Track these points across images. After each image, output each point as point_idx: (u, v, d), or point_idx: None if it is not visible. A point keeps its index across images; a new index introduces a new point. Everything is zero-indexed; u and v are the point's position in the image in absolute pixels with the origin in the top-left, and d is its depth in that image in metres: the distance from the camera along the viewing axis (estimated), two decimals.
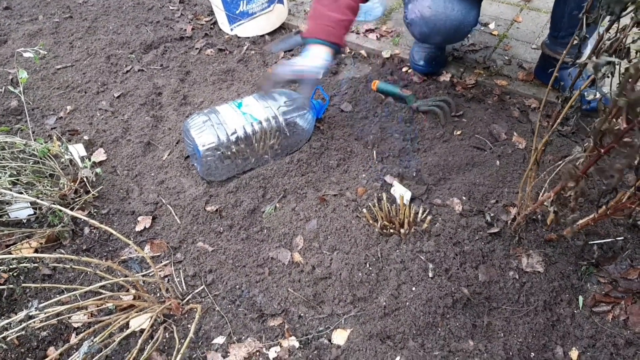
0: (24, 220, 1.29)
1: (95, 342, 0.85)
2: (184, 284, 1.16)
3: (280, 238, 1.23)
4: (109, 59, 1.89)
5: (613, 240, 1.13)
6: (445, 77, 1.66)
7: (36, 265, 1.17)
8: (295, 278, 1.14)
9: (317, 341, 1.03)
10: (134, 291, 1.05)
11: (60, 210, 0.87)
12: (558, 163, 0.89)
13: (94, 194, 1.35)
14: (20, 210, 1.27)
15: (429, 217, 1.19)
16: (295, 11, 2.14)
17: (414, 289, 1.07)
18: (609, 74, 0.63)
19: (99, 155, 1.50)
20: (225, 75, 1.77)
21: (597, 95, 0.69)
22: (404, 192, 1.25)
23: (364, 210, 1.23)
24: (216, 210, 1.30)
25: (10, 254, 1.17)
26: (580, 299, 1.06)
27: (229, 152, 1.30)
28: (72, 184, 1.34)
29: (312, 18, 1.27)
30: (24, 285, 1.10)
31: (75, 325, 1.09)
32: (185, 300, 1.13)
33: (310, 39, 1.25)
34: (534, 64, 1.65)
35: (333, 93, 1.66)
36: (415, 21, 1.39)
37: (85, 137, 1.56)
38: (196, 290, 1.14)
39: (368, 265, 1.13)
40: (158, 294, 1.13)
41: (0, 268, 1.12)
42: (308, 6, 2.17)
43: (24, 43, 2.01)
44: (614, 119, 0.65)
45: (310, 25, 1.27)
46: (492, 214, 1.21)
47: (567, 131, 0.89)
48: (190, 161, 1.45)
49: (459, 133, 1.46)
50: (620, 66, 0.61)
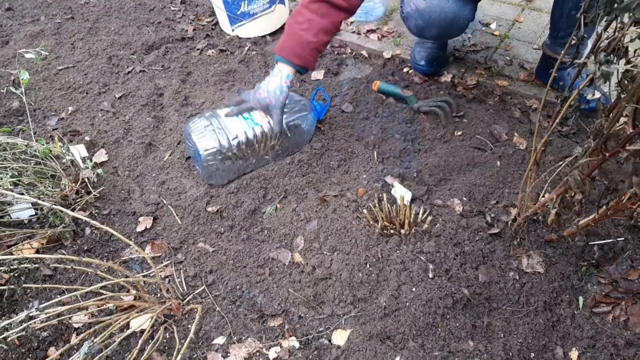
0: (25, 221, 1.30)
1: (96, 343, 0.85)
2: (184, 284, 1.16)
3: (280, 238, 1.23)
4: (111, 60, 1.90)
5: (613, 240, 1.13)
6: (446, 78, 1.66)
7: (37, 265, 1.17)
8: (296, 278, 1.14)
9: (317, 341, 1.04)
10: (134, 292, 1.05)
11: (62, 211, 0.87)
12: (559, 164, 0.89)
13: (95, 195, 1.36)
14: (22, 210, 1.27)
15: (430, 218, 1.19)
16: None
17: (414, 289, 1.07)
18: (608, 74, 0.63)
19: (100, 156, 1.50)
20: (226, 76, 1.77)
21: (597, 94, 0.69)
22: (404, 193, 1.25)
23: (365, 210, 1.23)
24: (217, 210, 1.30)
25: (12, 254, 1.18)
26: (581, 299, 1.06)
27: (230, 157, 1.30)
28: (74, 184, 1.35)
29: (285, 33, 1.26)
30: (25, 285, 1.11)
31: (75, 325, 1.09)
32: (185, 300, 1.13)
33: (277, 55, 1.26)
34: (536, 65, 1.64)
35: (334, 93, 1.66)
36: (411, 14, 1.40)
37: (87, 138, 1.57)
38: (197, 291, 1.15)
39: (368, 266, 1.13)
40: (159, 295, 1.14)
41: (1, 268, 1.12)
42: None
43: (25, 44, 2.02)
44: (617, 121, 0.65)
45: (282, 41, 1.26)
46: (493, 215, 1.21)
47: (567, 131, 0.89)
48: (192, 162, 1.45)
49: (459, 134, 1.46)
50: (618, 65, 0.61)
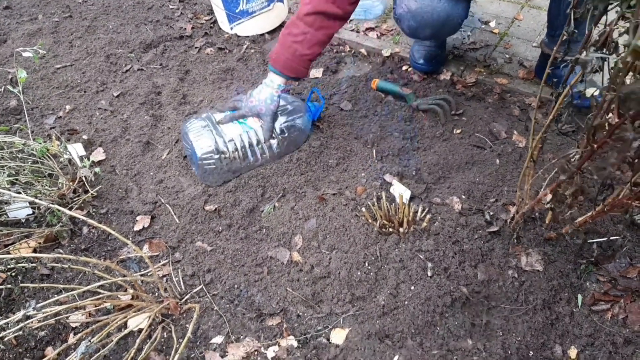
0: (23, 220, 1.29)
1: (93, 342, 0.85)
2: (182, 283, 1.16)
3: (279, 237, 1.23)
4: (109, 58, 1.89)
5: (612, 238, 1.12)
6: (445, 76, 1.66)
7: (34, 265, 1.17)
8: (294, 277, 1.14)
9: (316, 340, 1.03)
10: (132, 291, 1.05)
11: (59, 210, 0.87)
12: (555, 161, 0.88)
13: (92, 194, 1.35)
14: (19, 210, 1.27)
15: (428, 216, 1.19)
16: (296, 9, 2.12)
17: (412, 288, 1.07)
18: (598, 68, 0.63)
19: (98, 154, 1.50)
20: (224, 74, 1.77)
21: (590, 90, 0.69)
22: (403, 191, 1.25)
23: (363, 209, 1.23)
24: (215, 209, 1.29)
25: (9, 253, 1.17)
26: (579, 297, 1.06)
27: (227, 157, 1.30)
28: (71, 183, 1.34)
29: (279, 43, 1.26)
30: (22, 285, 1.10)
31: (73, 325, 1.09)
32: (183, 299, 1.12)
33: (271, 66, 1.27)
34: (535, 62, 1.64)
35: (333, 92, 1.65)
36: (403, 15, 1.39)
37: (84, 137, 1.56)
38: (194, 290, 1.14)
39: (367, 265, 1.13)
40: (156, 294, 1.13)
41: None
42: None
43: (23, 42, 2.01)
44: (606, 113, 0.65)
45: (275, 51, 1.27)
46: (492, 213, 1.21)
47: (566, 129, 0.88)
48: (189, 161, 1.44)
49: (458, 132, 1.46)
50: (608, 61, 0.61)
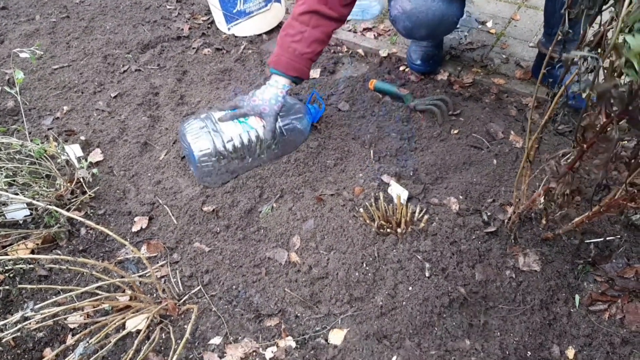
0: (20, 221, 1.29)
1: (91, 343, 0.85)
2: (180, 284, 1.16)
3: (277, 238, 1.23)
4: (106, 59, 1.89)
5: (609, 238, 1.13)
6: (442, 76, 1.66)
7: (32, 266, 1.17)
8: (292, 278, 1.14)
9: (314, 341, 1.03)
10: (130, 292, 1.05)
11: (57, 211, 0.87)
12: (547, 161, 0.89)
13: (90, 195, 1.35)
14: (17, 211, 1.27)
15: (426, 217, 1.19)
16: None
17: (410, 288, 1.07)
18: (593, 68, 0.63)
19: (96, 155, 1.49)
20: (222, 75, 1.77)
21: (585, 89, 0.69)
22: (401, 192, 1.25)
23: (361, 209, 1.23)
24: (213, 210, 1.29)
25: (7, 255, 1.17)
26: (577, 297, 1.06)
27: (225, 159, 1.30)
28: (69, 184, 1.34)
29: (278, 46, 1.27)
30: (20, 286, 1.10)
31: (71, 326, 1.09)
32: (181, 300, 1.12)
33: (273, 69, 1.28)
34: (532, 62, 1.64)
35: (330, 92, 1.66)
36: (398, 17, 1.39)
37: (82, 138, 1.56)
38: (193, 291, 1.14)
39: (365, 265, 1.13)
40: (154, 295, 1.13)
41: None
42: None
43: (20, 43, 2.00)
44: (599, 114, 0.65)
45: (275, 54, 1.27)
46: (489, 213, 1.21)
47: (563, 129, 0.89)
48: (187, 162, 1.44)
49: (456, 132, 1.46)
50: (602, 62, 0.61)
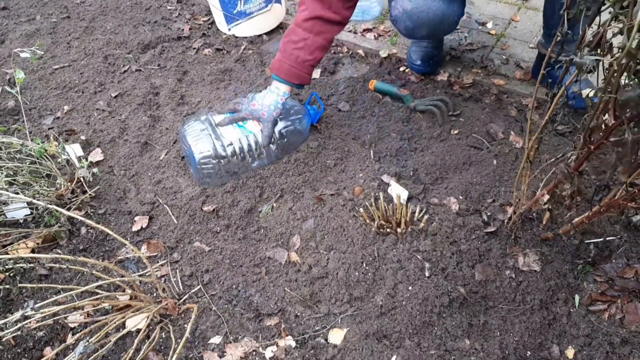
0: (21, 221, 1.29)
1: (92, 342, 0.85)
2: (180, 283, 1.16)
3: (277, 238, 1.23)
4: (107, 59, 1.89)
5: (609, 239, 1.13)
6: (442, 77, 1.66)
7: (32, 265, 1.17)
8: (292, 277, 1.14)
9: (314, 341, 1.03)
10: (130, 291, 1.05)
11: (57, 211, 0.87)
12: (552, 161, 0.89)
13: (90, 194, 1.35)
14: (17, 210, 1.27)
15: (426, 217, 1.19)
16: (293, 11, 2.13)
17: (410, 288, 1.07)
18: (592, 69, 0.63)
19: (96, 155, 1.50)
20: (222, 75, 1.77)
21: (586, 91, 0.69)
22: (401, 192, 1.25)
23: (361, 209, 1.23)
24: (213, 210, 1.30)
25: (7, 254, 1.17)
26: (577, 297, 1.06)
27: (225, 162, 1.30)
28: (69, 184, 1.34)
29: (281, 52, 1.27)
30: (20, 285, 1.10)
31: (71, 325, 1.09)
32: (181, 300, 1.13)
33: (275, 75, 1.28)
34: (532, 63, 1.65)
35: (331, 92, 1.66)
36: (399, 17, 1.39)
37: (82, 137, 1.56)
38: (193, 290, 1.14)
39: (365, 265, 1.13)
40: (154, 294, 1.13)
41: None
42: None
43: (21, 43, 2.01)
44: (602, 114, 0.65)
45: (278, 59, 1.27)
46: (489, 213, 1.21)
47: (563, 130, 0.89)
48: (187, 163, 1.44)
49: (456, 132, 1.46)
50: (603, 62, 0.62)
